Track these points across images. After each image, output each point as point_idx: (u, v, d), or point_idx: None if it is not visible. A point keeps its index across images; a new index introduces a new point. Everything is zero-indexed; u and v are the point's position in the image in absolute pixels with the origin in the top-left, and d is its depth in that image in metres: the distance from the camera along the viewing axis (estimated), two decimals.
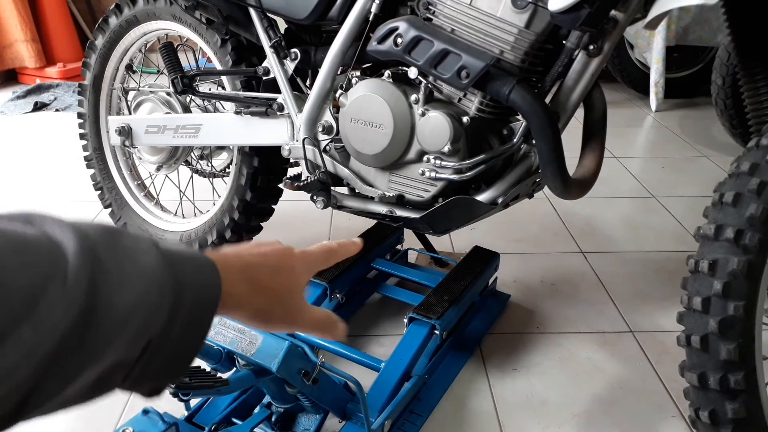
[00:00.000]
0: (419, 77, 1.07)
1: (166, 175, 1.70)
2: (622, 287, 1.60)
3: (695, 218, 1.96)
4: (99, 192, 1.75)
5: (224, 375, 0.93)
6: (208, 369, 0.97)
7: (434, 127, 1.07)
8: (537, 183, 1.21)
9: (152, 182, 1.78)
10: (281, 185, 1.52)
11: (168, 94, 1.52)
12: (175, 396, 0.84)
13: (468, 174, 1.09)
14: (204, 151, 1.63)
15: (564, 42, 1.01)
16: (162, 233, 1.67)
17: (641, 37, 2.92)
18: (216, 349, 0.95)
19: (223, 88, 1.46)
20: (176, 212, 1.74)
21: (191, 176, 1.74)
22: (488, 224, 1.78)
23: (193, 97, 1.44)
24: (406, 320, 1.22)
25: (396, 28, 1.06)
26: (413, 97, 1.10)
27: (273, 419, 1.06)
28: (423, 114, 1.09)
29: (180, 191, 1.73)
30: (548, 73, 1.04)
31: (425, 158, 1.12)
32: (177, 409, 1.09)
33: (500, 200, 1.11)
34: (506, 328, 1.44)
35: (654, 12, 0.93)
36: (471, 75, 0.99)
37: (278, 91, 1.30)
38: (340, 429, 1.08)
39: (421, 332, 1.19)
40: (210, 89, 1.47)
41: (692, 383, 0.91)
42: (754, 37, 1.08)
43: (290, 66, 1.28)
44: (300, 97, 1.29)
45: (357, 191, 1.26)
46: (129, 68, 1.66)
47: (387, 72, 1.13)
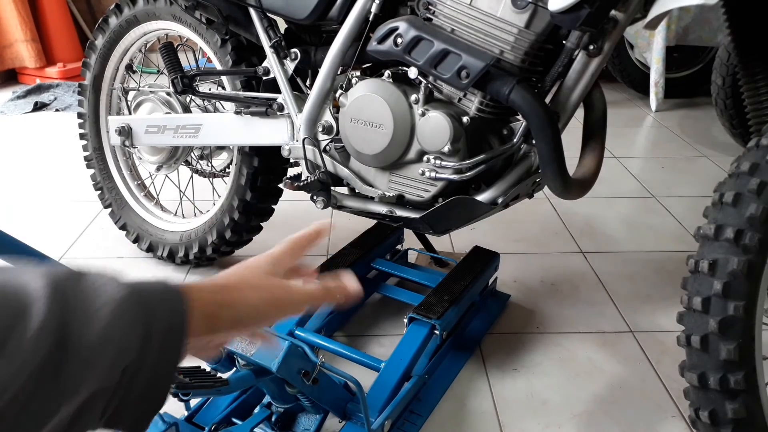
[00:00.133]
0: (419, 77, 1.07)
1: (166, 175, 1.70)
2: (622, 287, 1.60)
3: (695, 218, 1.96)
4: (99, 192, 1.75)
5: (224, 375, 0.93)
6: (208, 369, 0.97)
7: (434, 127, 1.07)
8: (537, 183, 1.21)
9: (152, 182, 1.78)
10: (281, 185, 1.53)
11: (168, 94, 1.52)
12: (175, 396, 0.84)
13: (468, 174, 1.09)
14: (204, 151, 1.63)
15: (564, 42, 1.01)
16: (162, 233, 1.67)
17: (641, 37, 2.92)
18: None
19: (223, 88, 1.46)
20: (176, 212, 1.74)
21: (191, 176, 1.74)
22: (488, 224, 1.78)
23: (193, 97, 1.44)
24: (406, 320, 1.22)
25: (396, 28, 1.06)
26: (413, 97, 1.10)
27: (273, 419, 1.06)
28: (423, 114, 1.09)
29: (180, 191, 1.73)
30: (548, 73, 1.04)
31: (425, 158, 1.12)
32: (177, 409, 1.09)
33: (500, 200, 1.11)
34: (506, 328, 1.44)
35: (654, 12, 0.93)
36: (471, 75, 0.99)
37: (278, 91, 1.30)
38: (340, 429, 1.08)
39: (421, 332, 1.19)
40: (210, 89, 1.47)
41: (692, 383, 0.91)
42: (754, 37, 1.08)
43: (290, 66, 1.28)
44: (300, 97, 1.29)
45: (357, 191, 1.26)
46: (129, 68, 1.66)
47: (387, 72, 1.13)
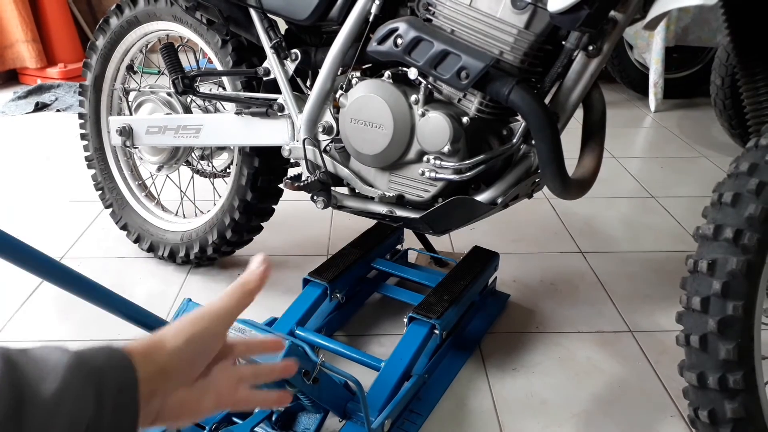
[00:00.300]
0: (419, 78, 1.08)
1: (167, 176, 1.70)
2: (622, 287, 1.60)
3: (694, 218, 1.96)
4: (100, 192, 1.76)
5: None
6: None
7: (434, 128, 1.07)
8: (536, 183, 1.21)
9: (153, 182, 1.79)
10: (281, 185, 1.53)
11: (169, 95, 1.53)
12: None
13: (468, 174, 1.10)
14: (205, 152, 1.63)
15: (563, 43, 1.01)
16: (163, 233, 1.68)
17: (640, 38, 2.92)
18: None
19: (224, 89, 1.46)
20: (177, 212, 1.74)
21: (192, 176, 1.74)
22: (488, 224, 1.78)
23: (194, 98, 1.44)
24: (406, 320, 1.22)
25: (396, 29, 1.06)
26: (413, 98, 1.10)
27: (273, 418, 1.06)
28: (423, 114, 1.09)
29: (181, 191, 1.73)
30: (548, 74, 1.04)
31: (425, 158, 1.12)
32: None
33: (500, 200, 1.12)
34: (506, 328, 1.45)
35: (653, 12, 0.93)
36: (471, 75, 0.99)
37: (279, 92, 1.31)
38: (341, 428, 1.08)
39: (421, 332, 1.19)
40: (210, 90, 1.48)
41: (691, 383, 0.91)
42: (754, 38, 1.08)
43: (290, 66, 1.28)
44: (300, 98, 1.29)
45: (357, 191, 1.26)
46: (130, 69, 1.66)
47: (387, 72, 1.14)
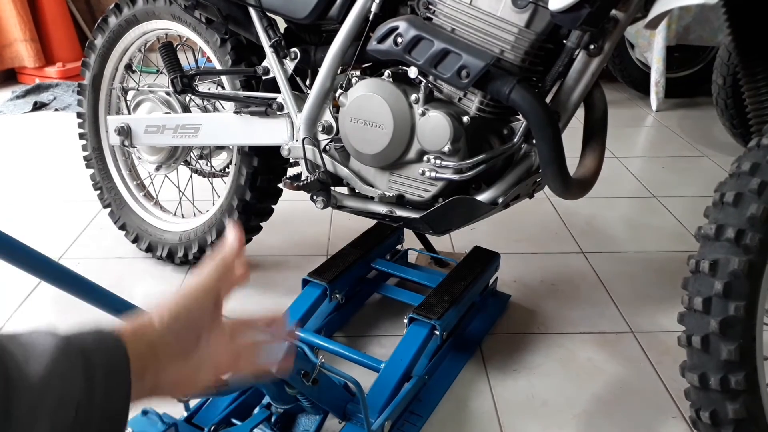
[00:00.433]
0: (419, 77, 1.07)
1: (166, 175, 1.69)
2: (623, 287, 1.60)
3: (696, 218, 1.95)
4: (98, 192, 1.75)
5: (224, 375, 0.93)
6: None
7: (434, 127, 1.07)
8: (537, 183, 1.20)
9: (151, 182, 1.78)
10: (281, 185, 1.52)
11: (167, 94, 1.52)
12: None
13: (468, 174, 1.09)
14: (203, 151, 1.62)
15: (564, 41, 1.00)
16: (161, 233, 1.67)
17: (642, 37, 2.91)
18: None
19: (223, 88, 1.46)
20: (175, 212, 1.74)
21: (191, 176, 1.73)
22: (488, 224, 1.78)
23: (193, 97, 1.43)
24: (406, 320, 1.21)
25: (396, 28, 1.06)
26: (413, 97, 1.10)
27: (273, 420, 1.06)
28: (423, 114, 1.08)
29: (179, 191, 1.73)
30: (549, 73, 1.04)
31: (425, 158, 1.11)
32: (176, 410, 1.08)
33: (500, 200, 1.11)
34: (507, 329, 1.44)
35: (654, 11, 0.93)
36: (471, 74, 0.99)
37: (278, 91, 1.30)
38: (340, 430, 1.07)
39: (422, 333, 1.18)
40: (209, 89, 1.47)
41: (693, 383, 0.91)
42: (755, 37, 1.08)
43: (290, 65, 1.28)
44: (300, 97, 1.29)
45: (357, 191, 1.25)
46: (128, 68, 1.66)
47: (387, 71, 1.13)
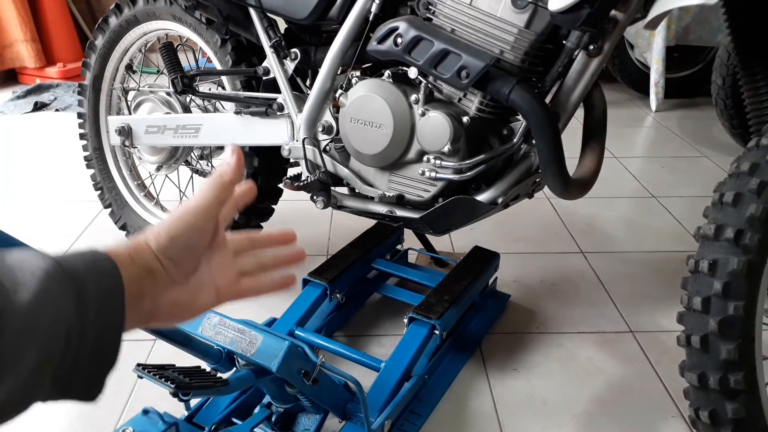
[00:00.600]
0: (419, 77, 1.07)
1: (166, 175, 1.69)
2: (622, 287, 1.60)
3: (695, 218, 1.96)
4: (99, 192, 1.75)
5: (224, 375, 0.93)
6: (208, 369, 0.97)
7: (434, 127, 1.07)
8: (537, 183, 1.21)
9: (152, 182, 1.78)
10: (281, 185, 1.52)
11: (168, 94, 1.52)
12: (175, 396, 0.85)
13: (468, 174, 1.09)
14: (204, 151, 1.63)
15: (564, 42, 1.01)
16: None
17: (641, 37, 2.91)
18: (216, 349, 0.95)
19: (223, 88, 1.46)
20: None
21: (191, 176, 1.73)
22: (488, 224, 1.78)
23: (193, 97, 1.44)
24: (406, 320, 1.22)
25: (396, 28, 1.06)
26: (413, 97, 1.10)
27: (273, 419, 1.06)
28: (423, 114, 1.08)
29: (180, 191, 1.73)
30: (548, 73, 1.04)
31: (425, 158, 1.12)
32: (177, 409, 1.09)
33: (500, 200, 1.11)
34: (506, 329, 1.44)
35: (654, 12, 0.93)
36: (471, 75, 0.99)
37: (278, 91, 1.30)
38: (340, 429, 1.08)
39: (421, 332, 1.19)
40: (210, 89, 1.47)
41: (692, 383, 0.91)
42: (754, 37, 1.08)
43: (290, 66, 1.28)
44: (300, 97, 1.29)
45: (357, 191, 1.26)
46: (129, 68, 1.66)
47: (387, 72, 1.13)
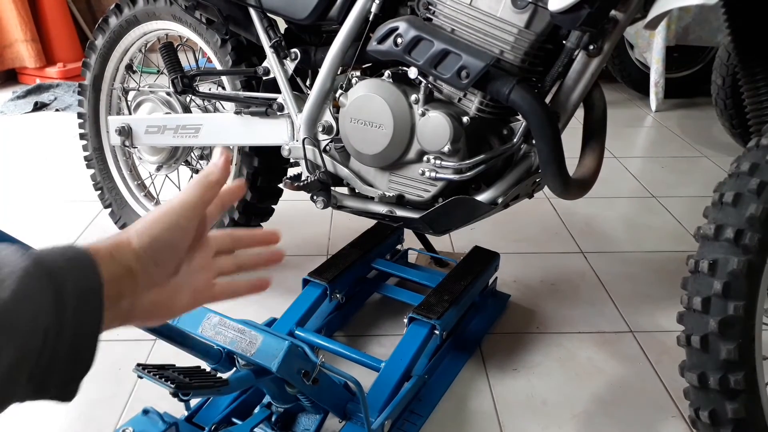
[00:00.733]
0: (419, 77, 1.07)
1: (166, 175, 1.70)
2: (622, 287, 1.60)
3: (695, 218, 1.95)
4: (99, 192, 1.75)
5: (224, 375, 0.93)
6: (208, 369, 0.97)
7: (434, 127, 1.07)
8: (537, 183, 1.21)
9: (152, 182, 1.78)
10: (281, 185, 1.52)
11: (168, 94, 1.52)
12: (175, 396, 0.85)
13: (468, 174, 1.09)
14: (204, 151, 1.63)
15: (564, 42, 1.01)
16: None
17: (641, 37, 2.91)
18: (216, 349, 0.95)
19: (223, 88, 1.46)
20: None
21: (191, 176, 1.74)
22: (488, 224, 1.78)
23: (193, 97, 1.44)
24: (406, 320, 1.22)
25: (396, 28, 1.06)
26: (413, 97, 1.10)
27: (273, 419, 1.06)
28: (423, 114, 1.09)
29: (180, 191, 1.73)
30: (548, 73, 1.04)
31: (425, 158, 1.12)
32: (177, 409, 1.09)
33: (500, 200, 1.11)
34: (506, 328, 1.44)
35: (654, 12, 0.93)
36: (471, 75, 0.99)
37: (278, 91, 1.30)
38: (340, 429, 1.08)
39: (421, 332, 1.19)
40: (210, 89, 1.47)
41: (692, 383, 0.91)
42: (754, 37, 1.08)
43: (290, 66, 1.28)
44: (300, 97, 1.29)
45: (357, 191, 1.26)
46: (129, 68, 1.66)
47: (387, 72, 1.13)
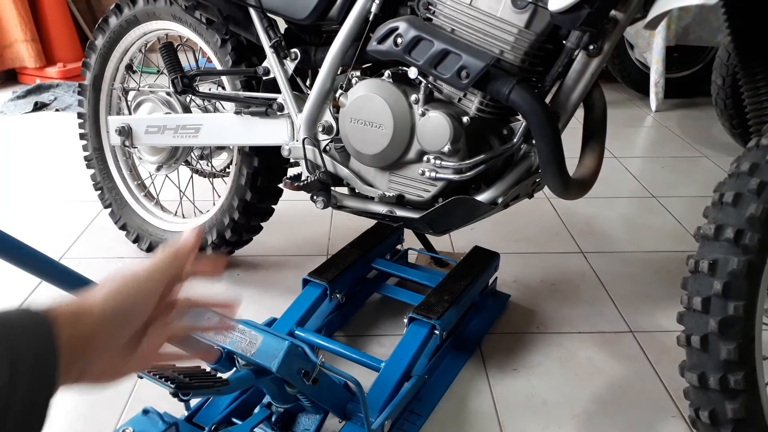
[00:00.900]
0: (419, 77, 1.07)
1: (166, 175, 1.70)
2: (622, 287, 1.60)
3: (695, 218, 1.96)
4: (99, 192, 1.75)
5: (224, 375, 0.93)
6: (208, 369, 0.97)
7: (434, 127, 1.07)
8: (537, 183, 1.21)
9: (152, 182, 1.78)
10: (281, 185, 1.53)
11: (168, 94, 1.52)
12: (175, 396, 0.84)
13: (468, 174, 1.09)
14: (204, 151, 1.63)
15: (564, 42, 1.01)
16: (162, 233, 1.67)
17: (641, 37, 2.91)
18: (216, 349, 0.95)
19: (223, 88, 1.46)
20: (176, 212, 1.74)
21: (191, 176, 1.74)
22: (488, 224, 1.78)
23: (193, 97, 1.44)
24: (406, 320, 1.22)
25: (396, 28, 1.06)
26: (413, 97, 1.10)
27: (273, 419, 1.06)
28: (423, 114, 1.09)
29: (180, 191, 1.73)
30: (548, 73, 1.04)
31: (425, 158, 1.12)
32: (177, 409, 1.09)
33: (500, 200, 1.11)
34: (506, 328, 1.44)
35: (654, 12, 0.93)
36: (471, 75, 0.99)
37: (278, 91, 1.30)
38: (340, 429, 1.08)
39: (421, 332, 1.19)
40: (210, 89, 1.47)
41: (692, 383, 0.91)
42: (754, 37, 1.08)
43: (290, 66, 1.28)
44: (300, 97, 1.29)
45: (357, 191, 1.26)
46: (129, 68, 1.66)
47: (387, 72, 1.13)
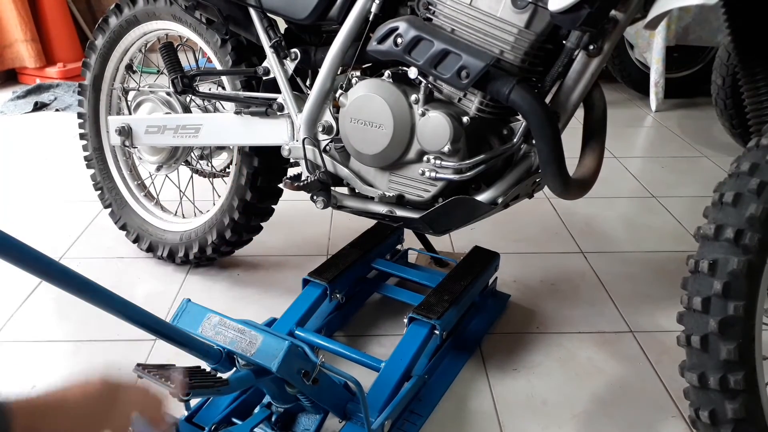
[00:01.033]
0: (419, 77, 1.07)
1: (166, 175, 1.70)
2: (622, 287, 1.60)
3: (695, 218, 1.96)
4: (99, 192, 1.75)
5: (224, 375, 0.93)
6: (208, 369, 0.97)
7: (434, 127, 1.07)
8: (537, 183, 1.21)
9: (152, 182, 1.78)
10: (281, 185, 1.53)
11: (168, 94, 1.52)
12: (175, 396, 0.84)
13: (468, 174, 1.09)
14: (204, 151, 1.63)
15: (564, 42, 1.01)
16: (162, 233, 1.67)
17: (641, 37, 2.91)
18: (216, 349, 0.95)
19: (223, 88, 1.46)
20: (176, 212, 1.74)
21: (191, 176, 1.74)
22: (488, 224, 1.78)
23: (193, 97, 1.44)
24: (406, 320, 1.22)
25: (396, 28, 1.06)
26: (413, 97, 1.10)
27: (273, 419, 1.06)
28: (423, 114, 1.09)
29: (180, 191, 1.73)
30: (548, 73, 1.04)
31: (425, 158, 1.12)
32: (177, 409, 1.09)
33: (500, 200, 1.11)
34: (506, 328, 1.44)
35: (654, 12, 0.93)
36: (471, 75, 0.99)
37: (278, 91, 1.30)
38: (340, 429, 1.08)
39: (421, 332, 1.19)
40: (210, 89, 1.47)
41: (692, 383, 0.91)
42: (754, 37, 1.08)
43: (290, 66, 1.28)
44: (300, 97, 1.29)
45: (357, 191, 1.26)
46: (129, 68, 1.66)
47: (387, 72, 1.13)
